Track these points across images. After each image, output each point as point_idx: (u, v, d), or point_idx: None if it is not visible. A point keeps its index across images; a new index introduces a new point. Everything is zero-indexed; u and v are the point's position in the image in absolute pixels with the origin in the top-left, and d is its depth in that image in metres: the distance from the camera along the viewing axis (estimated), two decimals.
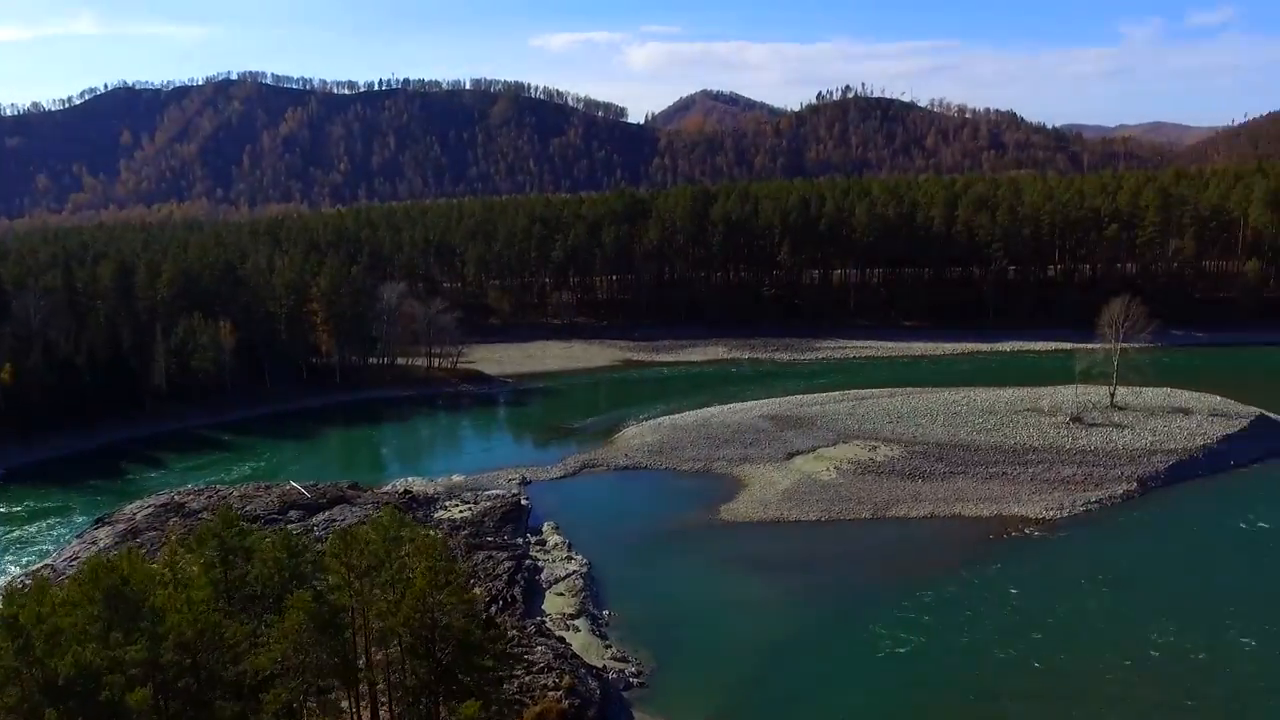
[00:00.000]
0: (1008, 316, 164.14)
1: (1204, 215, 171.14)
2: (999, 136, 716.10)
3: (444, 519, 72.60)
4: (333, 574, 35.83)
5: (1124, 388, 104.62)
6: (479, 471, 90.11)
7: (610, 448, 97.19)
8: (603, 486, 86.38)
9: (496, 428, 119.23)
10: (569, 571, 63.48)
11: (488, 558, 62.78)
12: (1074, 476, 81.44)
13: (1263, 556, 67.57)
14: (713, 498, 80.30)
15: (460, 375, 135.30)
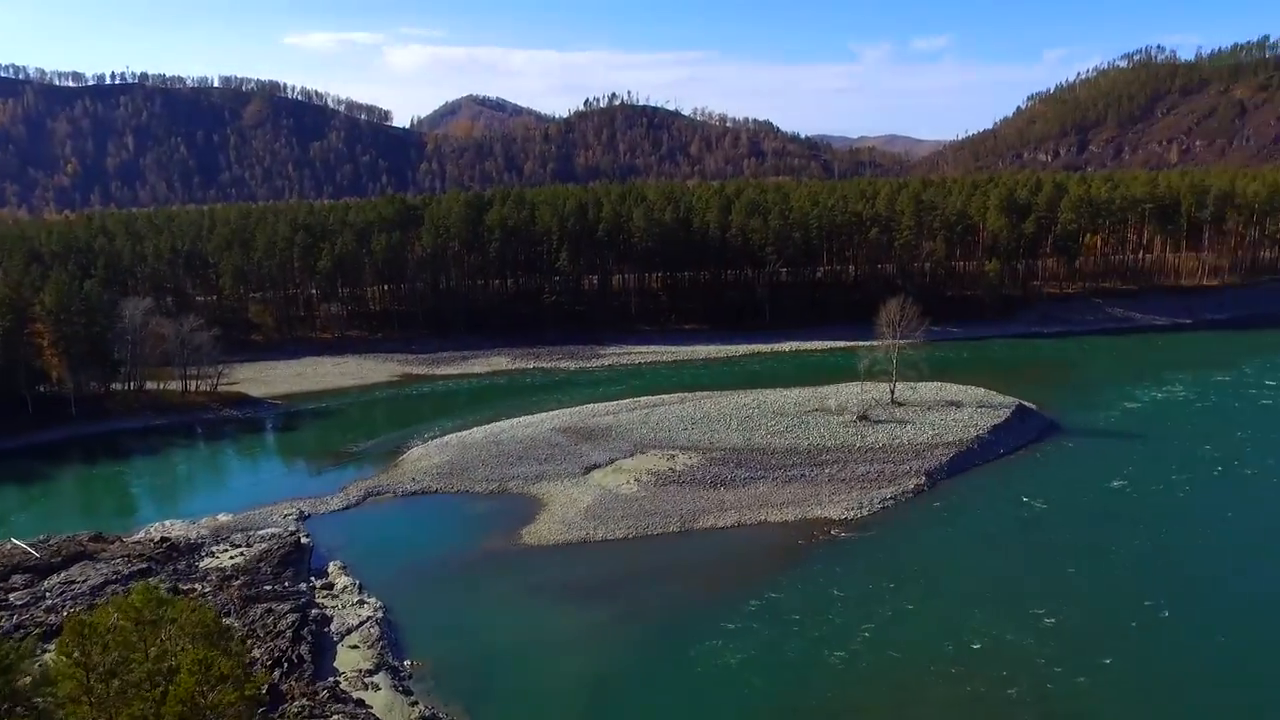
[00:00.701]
0: (783, 317, 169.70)
1: (951, 220, 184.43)
2: (758, 144, 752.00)
3: (212, 569, 63.31)
4: (64, 681, 27.98)
5: (901, 384, 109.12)
6: (250, 508, 79.98)
7: (396, 471, 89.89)
8: (391, 516, 79.03)
9: (267, 456, 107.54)
10: (362, 618, 56.62)
11: (267, 611, 54.76)
12: (868, 474, 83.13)
13: (1044, 536, 71.15)
14: (512, 520, 75.44)
15: (222, 399, 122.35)
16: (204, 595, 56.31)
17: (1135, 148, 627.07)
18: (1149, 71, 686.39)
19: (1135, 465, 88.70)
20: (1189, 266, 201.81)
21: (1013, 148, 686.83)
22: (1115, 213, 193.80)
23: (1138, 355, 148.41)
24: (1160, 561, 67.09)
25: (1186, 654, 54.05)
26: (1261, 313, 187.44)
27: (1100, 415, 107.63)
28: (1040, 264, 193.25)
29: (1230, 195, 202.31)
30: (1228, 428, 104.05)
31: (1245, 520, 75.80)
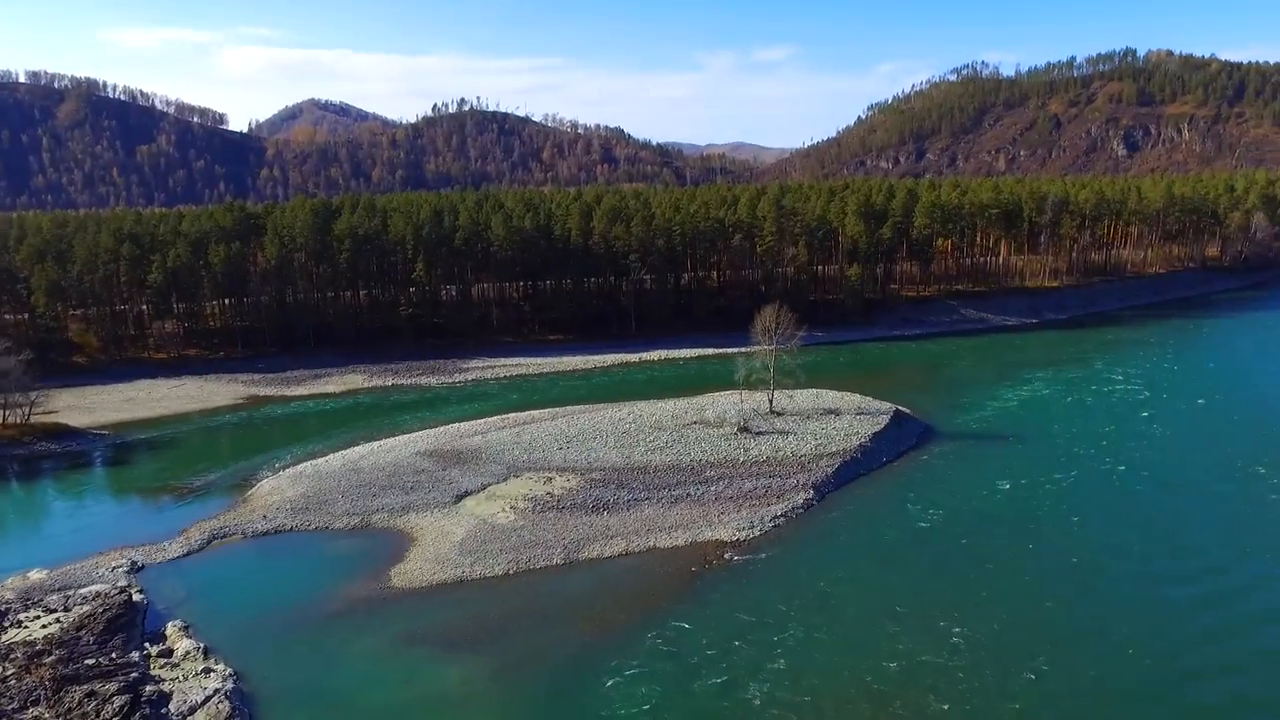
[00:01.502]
0: (650, 325, 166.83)
1: (812, 226, 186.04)
2: (611, 151, 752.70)
3: (17, 643, 53.36)
4: None
5: (778, 392, 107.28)
6: (70, 561, 69.34)
7: (245, 509, 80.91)
8: (240, 562, 70.44)
9: (92, 496, 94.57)
10: (208, 692, 48.85)
11: (88, 696, 46.27)
12: (756, 490, 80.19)
13: (940, 545, 69.79)
14: (379, 560, 68.49)
15: (37, 431, 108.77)
16: (3, 682, 47.22)
17: (968, 156, 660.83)
18: (976, 86, 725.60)
19: (1015, 466, 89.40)
20: (1032, 269, 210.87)
21: (856, 155, 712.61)
22: (964, 218, 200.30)
23: (995, 355, 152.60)
24: (1058, 563, 66.88)
25: (1106, 659, 53.44)
26: (1096, 311, 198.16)
27: (972, 416, 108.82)
28: (898, 268, 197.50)
29: (1065, 202, 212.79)
30: (1093, 422, 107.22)
31: (1130, 514, 77.05)
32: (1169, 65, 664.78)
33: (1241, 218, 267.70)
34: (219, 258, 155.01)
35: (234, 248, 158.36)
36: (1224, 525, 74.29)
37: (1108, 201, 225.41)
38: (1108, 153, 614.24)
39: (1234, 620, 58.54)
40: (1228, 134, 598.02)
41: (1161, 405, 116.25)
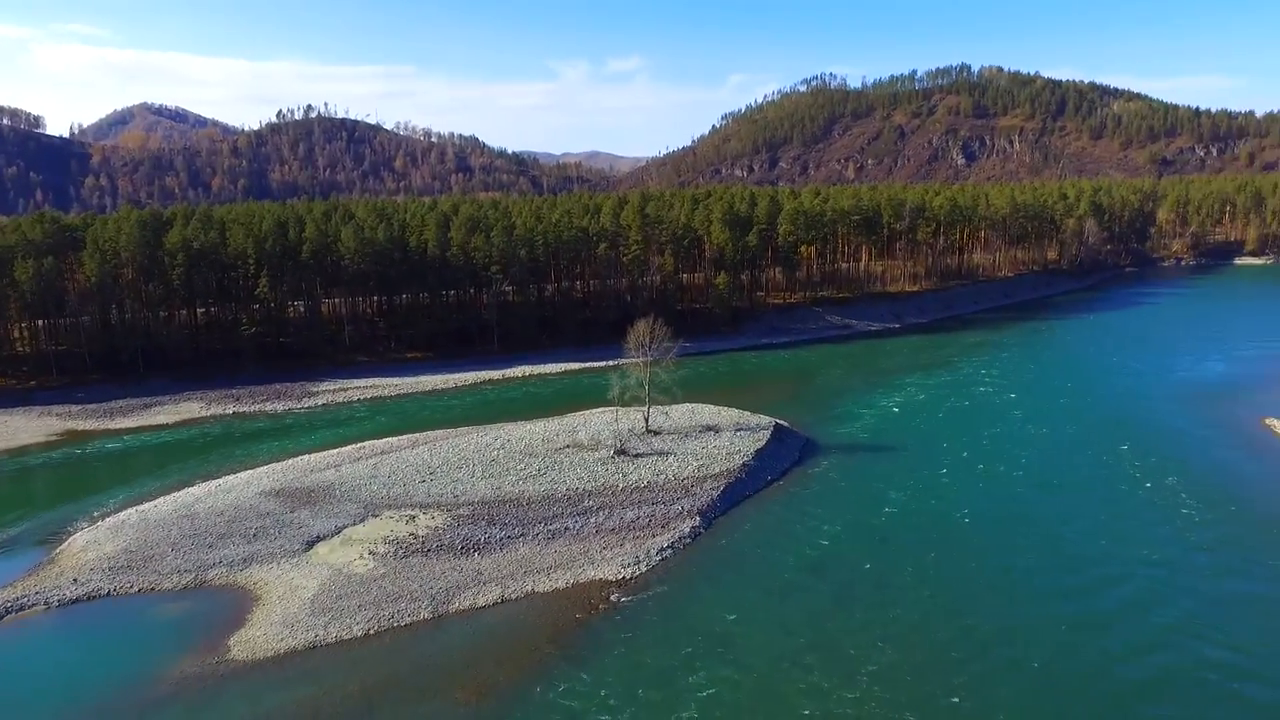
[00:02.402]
0: (514, 340, 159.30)
1: (677, 234, 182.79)
2: (466, 160, 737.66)
3: None
4: None
5: (654, 408, 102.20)
6: None
7: (51, 571, 69.25)
8: (42, 640, 59.29)
9: None
10: None
11: None
12: (638, 520, 74.49)
13: (838, 571, 65.83)
14: (216, 625, 59.12)
15: None
16: None
17: (819, 165, 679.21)
18: (825, 97, 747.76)
19: (901, 476, 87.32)
20: (893, 274, 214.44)
21: (711, 164, 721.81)
22: (827, 225, 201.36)
23: (864, 361, 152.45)
24: (960, 580, 64.13)
25: (1024, 680, 51.22)
26: (954, 314, 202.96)
27: (851, 427, 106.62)
28: (764, 275, 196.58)
29: (922, 208, 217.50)
30: (969, 425, 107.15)
31: (1022, 522, 75.52)
32: (1000, 81, 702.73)
33: (1075, 224, 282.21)
34: (27, 275, 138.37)
35: (46, 263, 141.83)
36: (1113, 530, 73.32)
37: (960, 208, 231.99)
38: (948, 162, 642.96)
39: (1144, 635, 56.64)
40: (1053, 146, 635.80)
41: (1029, 405, 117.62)
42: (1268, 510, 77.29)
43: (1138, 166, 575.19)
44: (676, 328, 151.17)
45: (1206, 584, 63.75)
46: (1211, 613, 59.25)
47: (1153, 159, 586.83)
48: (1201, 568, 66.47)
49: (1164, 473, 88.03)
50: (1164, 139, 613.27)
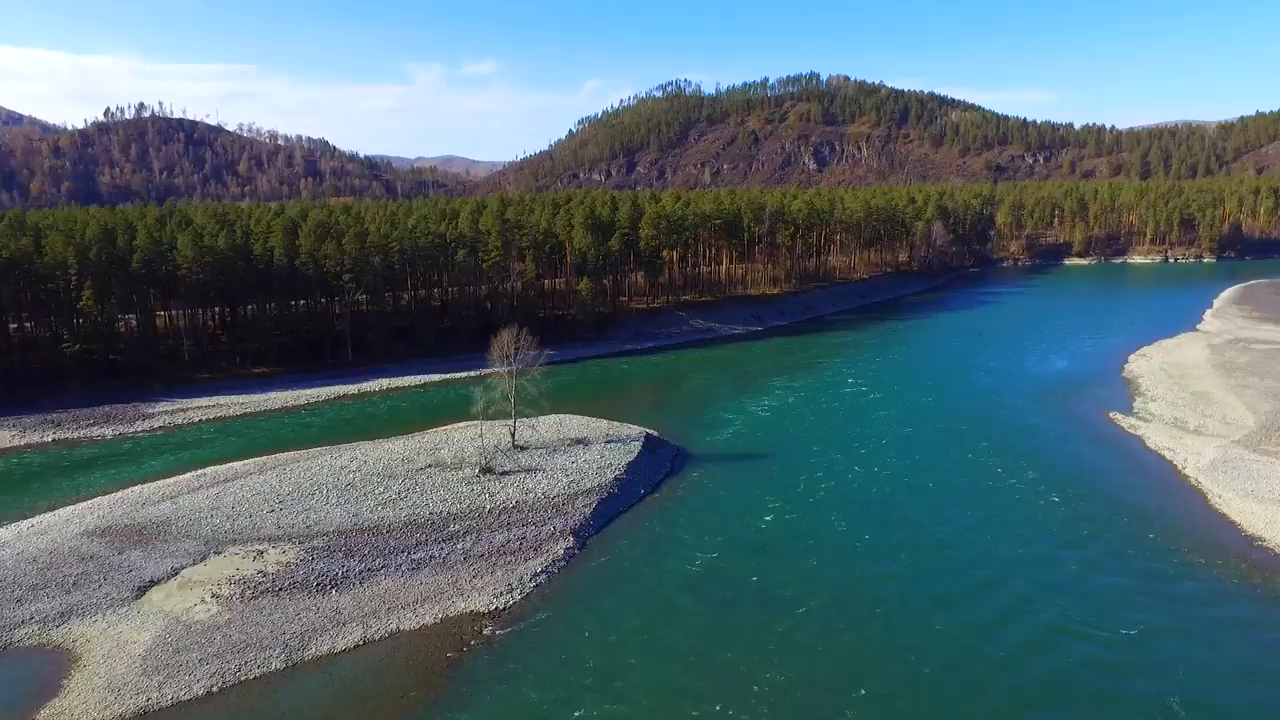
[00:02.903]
0: (369, 352, 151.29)
1: (539, 239, 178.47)
2: (315, 164, 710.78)
3: None
4: None
5: (520, 422, 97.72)
6: None
7: None
8: None
9: None
10: None
11: None
12: (509, 544, 70.02)
13: (723, 588, 63.02)
14: (22, 697, 50.99)
15: None
16: None
17: (675, 169, 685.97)
18: (681, 102, 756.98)
19: (777, 483, 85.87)
20: (754, 277, 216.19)
21: (569, 168, 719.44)
22: (688, 229, 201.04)
23: (730, 365, 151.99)
24: (843, 589, 62.56)
25: (917, 693, 49.42)
26: (815, 316, 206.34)
27: (722, 433, 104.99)
28: (627, 280, 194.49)
29: (781, 212, 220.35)
30: (839, 427, 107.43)
31: (898, 525, 74.64)
32: (847, 89, 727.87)
33: (924, 227, 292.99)
34: None
35: None
36: (986, 531, 73.60)
37: (817, 212, 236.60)
38: (800, 166, 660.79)
39: (1028, 636, 56.25)
40: (898, 152, 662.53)
41: (894, 405, 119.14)
42: (1122, 501, 79.46)
43: (975, 172, 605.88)
44: (541, 336, 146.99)
45: (1078, 580, 64.35)
46: (1088, 610, 59.57)
47: (988, 165, 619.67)
48: (1071, 564, 67.19)
49: (1025, 469, 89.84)
50: (998, 147, 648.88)
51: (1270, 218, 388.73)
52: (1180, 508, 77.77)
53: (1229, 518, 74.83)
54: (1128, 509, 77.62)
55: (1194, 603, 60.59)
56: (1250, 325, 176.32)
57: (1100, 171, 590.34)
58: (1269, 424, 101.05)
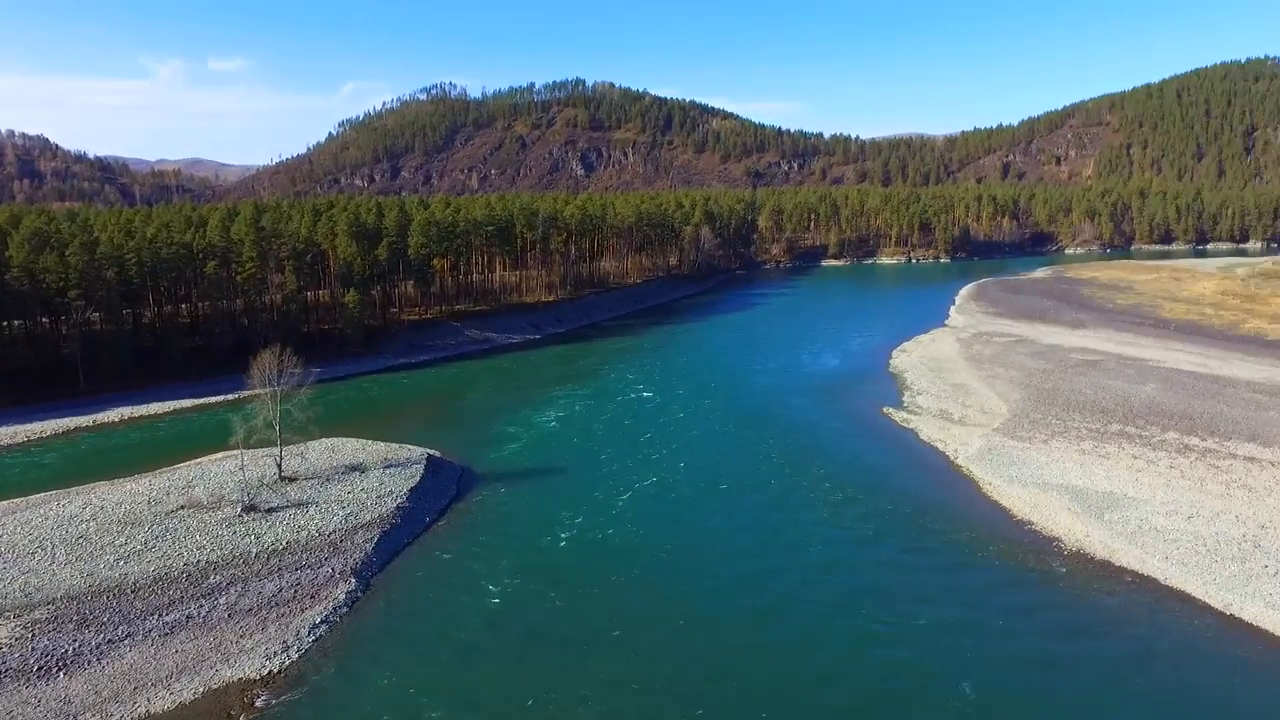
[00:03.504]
0: (105, 378, 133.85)
1: (299, 249, 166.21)
2: (32, 164, 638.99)
3: None
4: None
5: (287, 449, 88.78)
6: None
7: None
8: None
9: None
10: None
11: None
12: (281, 593, 62.27)
13: (518, 622, 58.44)
14: None
15: None
16: None
17: (442, 175, 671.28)
18: (446, 106, 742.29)
19: (572, 499, 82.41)
20: (529, 284, 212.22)
21: (329, 173, 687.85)
22: (460, 236, 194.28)
23: (511, 376, 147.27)
24: (653, 612, 59.74)
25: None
26: (592, 323, 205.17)
27: (510, 449, 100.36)
28: (398, 290, 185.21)
29: (554, 218, 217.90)
30: (629, 434, 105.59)
31: (700, 535, 72.99)
32: (613, 96, 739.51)
33: (692, 231, 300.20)
34: None
35: None
36: (785, 535, 73.51)
37: (590, 217, 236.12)
38: (568, 172, 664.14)
39: (844, 646, 55.75)
40: (663, 158, 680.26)
41: (679, 409, 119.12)
42: (905, 494, 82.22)
43: (736, 178, 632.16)
44: (306, 352, 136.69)
45: (875, 580, 65.15)
46: (888, 610, 60.15)
47: (748, 172, 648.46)
48: (866, 563, 68.17)
49: (811, 467, 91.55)
50: (756, 154, 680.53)
51: (991, 223, 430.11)
52: (958, 498, 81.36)
53: (1001, 504, 79.00)
54: (911, 502, 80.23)
55: (982, 592, 62.68)
56: (989, 320, 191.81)
57: (848, 178, 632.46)
58: (1018, 412, 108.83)
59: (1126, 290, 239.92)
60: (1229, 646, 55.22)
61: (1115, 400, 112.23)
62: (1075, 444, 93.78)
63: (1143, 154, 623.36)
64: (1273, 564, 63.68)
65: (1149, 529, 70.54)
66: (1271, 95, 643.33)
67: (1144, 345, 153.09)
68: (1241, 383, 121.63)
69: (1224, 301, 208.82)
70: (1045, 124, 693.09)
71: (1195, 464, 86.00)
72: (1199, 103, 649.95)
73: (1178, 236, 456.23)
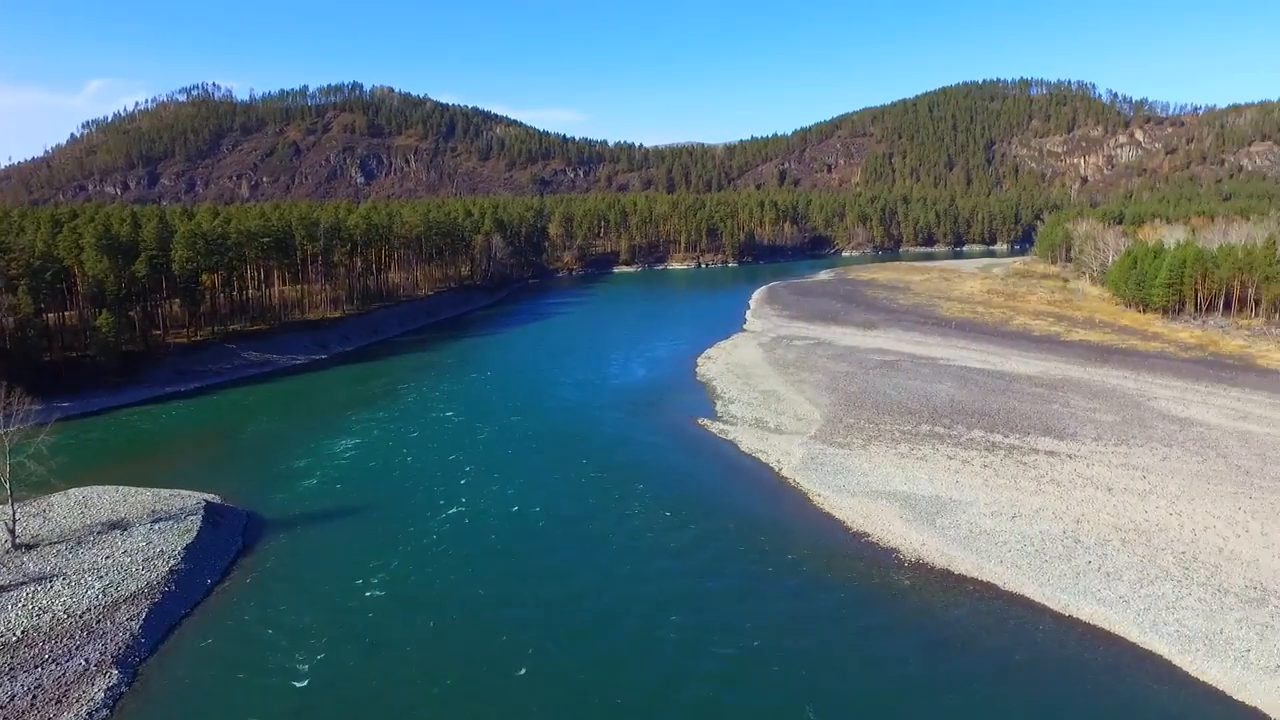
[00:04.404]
0: None
1: (34, 265, 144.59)
2: None
3: None
4: None
5: (23, 508, 74.10)
6: None
7: None
8: None
9: None
10: None
11: None
12: (16, 702, 49.67)
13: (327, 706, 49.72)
14: None
15: None
16: None
17: (208, 182, 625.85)
18: (210, 108, 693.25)
19: (380, 543, 73.09)
20: (312, 300, 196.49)
21: (74, 179, 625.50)
22: (232, 248, 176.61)
23: (298, 402, 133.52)
24: (485, 676, 51.83)
25: None
26: (383, 339, 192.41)
27: (304, 488, 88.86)
28: (161, 311, 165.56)
29: (337, 228, 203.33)
30: (436, 461, 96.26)
31: (533, 577, 65.45)
32: (392, 101, 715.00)
33: (483, 240, 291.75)
34: None
35: None
36: (618, 564, 67.56)
37: (375, 226, 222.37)
38: (348, 180, 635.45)
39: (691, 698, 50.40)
40: (447, 165, 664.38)
41: (486, 427, 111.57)
42: (735, 512, 78.52)
43: (523, 185, 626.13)
44: (48, 386, 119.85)
45: (715, 609, 60.26)
46: (748, 650, 55.43)
47: (534, 179, 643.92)
48: (704, 590, 63.32)
49: (632, 486, 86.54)
50: (541, 161, 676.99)
51: (773, 227, 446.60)
52: (791, 513, 78.48)
53: (834, 516, 76.69)
54: (745, 521, 76.61)
55: (832, 617, 59.29)
56: (785, 323, 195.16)
57: (634, 185, 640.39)
58: (832, 417, 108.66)
59: (905, 290, 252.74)
60: (1076, 650, 54.35)
61: (919, 400, 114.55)
62: (892, 447, 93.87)
63: (903, 163, 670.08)
64: (1094, 559, 64.38)
65: (979, 532, 70.16)
66: (1004, 114, 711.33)
67: (932, 344, 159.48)
68: (1024, 378, 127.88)
69: (991, 300, 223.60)
70: (816, 134, 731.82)
71: (1005, 461, 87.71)
72: (947, 118, 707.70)
73: (939, 239, 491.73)
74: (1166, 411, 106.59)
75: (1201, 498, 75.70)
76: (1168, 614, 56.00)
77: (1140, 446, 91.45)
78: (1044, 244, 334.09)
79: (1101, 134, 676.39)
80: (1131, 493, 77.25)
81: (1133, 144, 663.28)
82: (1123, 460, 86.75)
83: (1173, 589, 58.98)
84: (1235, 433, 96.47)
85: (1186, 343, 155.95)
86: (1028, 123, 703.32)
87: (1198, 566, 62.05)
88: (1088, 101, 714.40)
